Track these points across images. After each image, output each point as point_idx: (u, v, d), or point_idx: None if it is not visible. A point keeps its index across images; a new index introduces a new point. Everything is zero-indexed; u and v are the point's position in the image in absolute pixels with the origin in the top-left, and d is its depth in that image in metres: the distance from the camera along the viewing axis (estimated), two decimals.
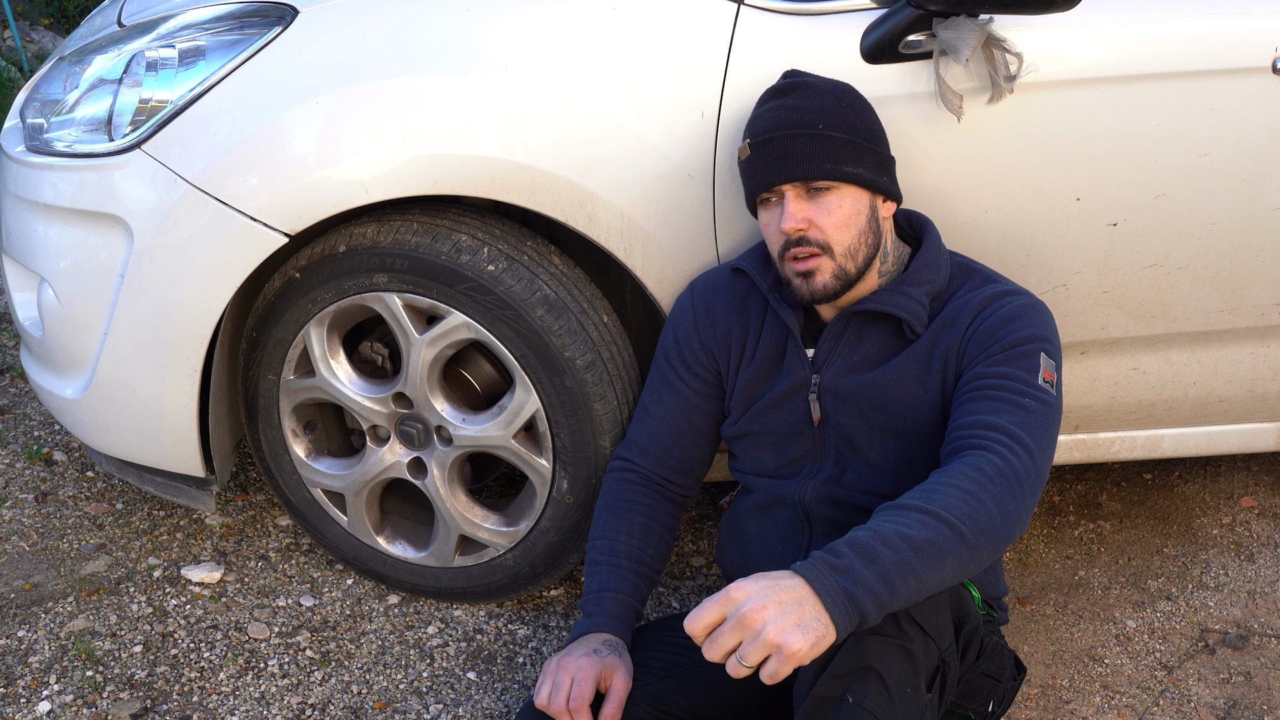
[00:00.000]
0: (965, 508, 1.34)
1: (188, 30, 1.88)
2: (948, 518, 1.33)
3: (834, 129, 1.57)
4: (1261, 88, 1.75)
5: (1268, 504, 2.46)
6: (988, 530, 1.35)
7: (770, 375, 1.72)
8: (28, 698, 1.92)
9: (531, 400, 1.88)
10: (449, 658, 2.06)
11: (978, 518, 1.35)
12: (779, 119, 1.59)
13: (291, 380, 2.01)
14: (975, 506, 1.35)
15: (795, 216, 1.57)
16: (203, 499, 2.13)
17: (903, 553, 1.29)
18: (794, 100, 1.60)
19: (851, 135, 1.58)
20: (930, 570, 1.30)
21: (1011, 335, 1.55)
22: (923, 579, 1.30)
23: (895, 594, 1.28)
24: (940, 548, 1.31)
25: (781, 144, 1.57)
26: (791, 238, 1.58)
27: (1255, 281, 1.90)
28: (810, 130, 1.56)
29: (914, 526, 1.31)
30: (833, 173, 1.56)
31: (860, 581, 1.26)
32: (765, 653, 1.24)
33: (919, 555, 1.29)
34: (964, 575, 1.37)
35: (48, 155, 1.93)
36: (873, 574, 1.27)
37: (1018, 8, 1.62)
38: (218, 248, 1.82)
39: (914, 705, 1.36)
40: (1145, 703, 1.95)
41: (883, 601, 1.27)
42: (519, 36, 1.76)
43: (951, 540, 1.32)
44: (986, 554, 1.36)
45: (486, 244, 1.84)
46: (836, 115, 1.58)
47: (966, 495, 1.36)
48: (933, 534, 1.31)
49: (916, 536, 1.30)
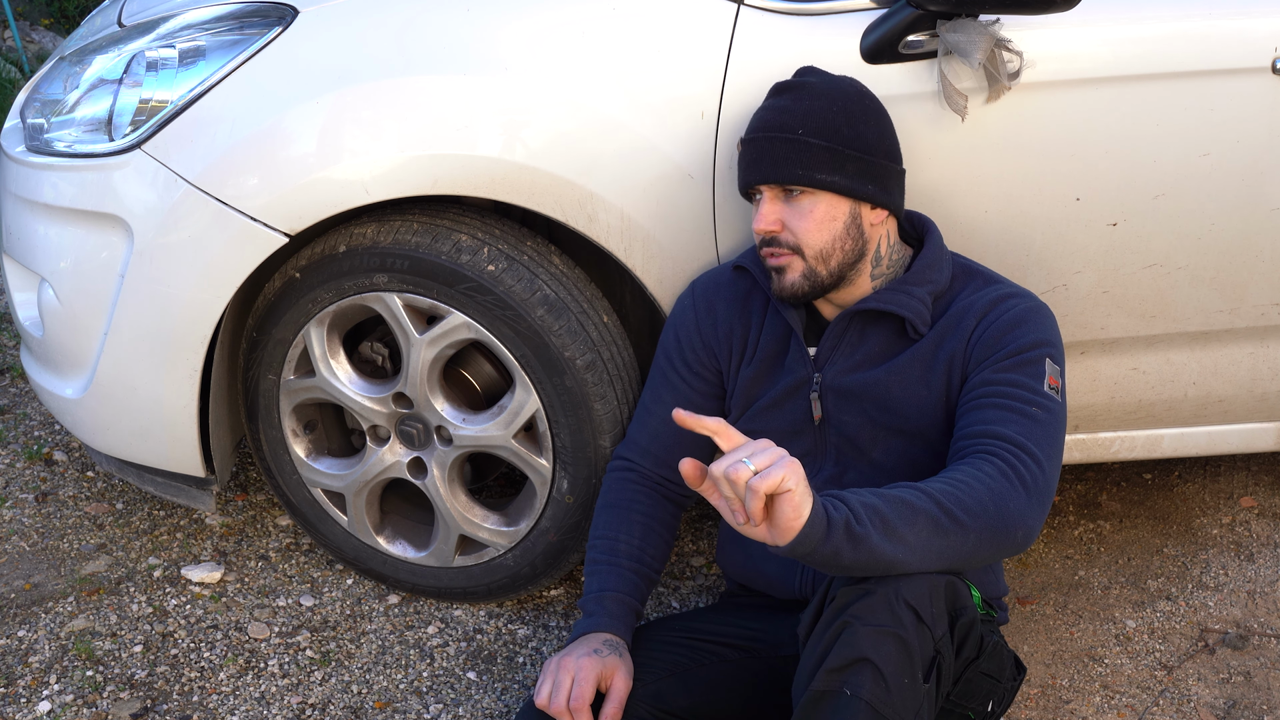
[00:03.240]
0: (948, 488, 1.38)
1: (188, 30, 1.88)
2: (925, 489, 1.37)
3: (815, 135, 1.58)
4: (1261, 88, 1.75)
5: (1268, 504, 2.46)
6: (976, 513, 1.38)
7: (771, 374, 1.72)
8: (28, 698, 1.92)
9: (531, 400, 1.88)
10: (449, 658, 2.06)
11: (961, 497, 1.38)
12: (766, 120, 1.62)
13: (291, 380, 2.01)
14: (961, 489, 1.39)
15: (767, 218, 1.61)
16: (203, 499, 2.13)
17: (870, 499, 1.33)
18: (785, 102, 1.62)
19: (832, 142, 1.58)
20: (902, 523, 1.33)
21: (1018, 341, 1.56)
22: (893, 528, 1.33)
23: (864, 530, 1.30)
24: (911, 506, 1.35)
25: (761, 146, 1.61)
26: (764, 237, 1.62)
27: (1255, 281, 1.90)
28: (789, 134, 1.58)
29: (889, 489, 1.37)
30: (804, 179, 1.58)
31: (832, 507, 1.30)
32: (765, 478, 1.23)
33: (887, 503, 1.34)
34: (956, 554, 1.38)
35: (48, 155, 1.93)
36: (842, 506, 1.31)
37: (1018, 8, 1.62)
38: (218, 248, 1.82)
39: (911, 696, 1.37)
40: (1145, 703, 1.95)
41: (851, 531, 1.29)
42: (519, 36, 1.76)
43: (926, 504, 1.35)
44: (978, 537, 1.38)
45: (486, 244, 1.84)
46: (821, 121, 1.59)
47: (953, 481, 1.40)
48: (905, 495, 1.36)
49: (888, 492, 1.36)
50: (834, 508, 1.30)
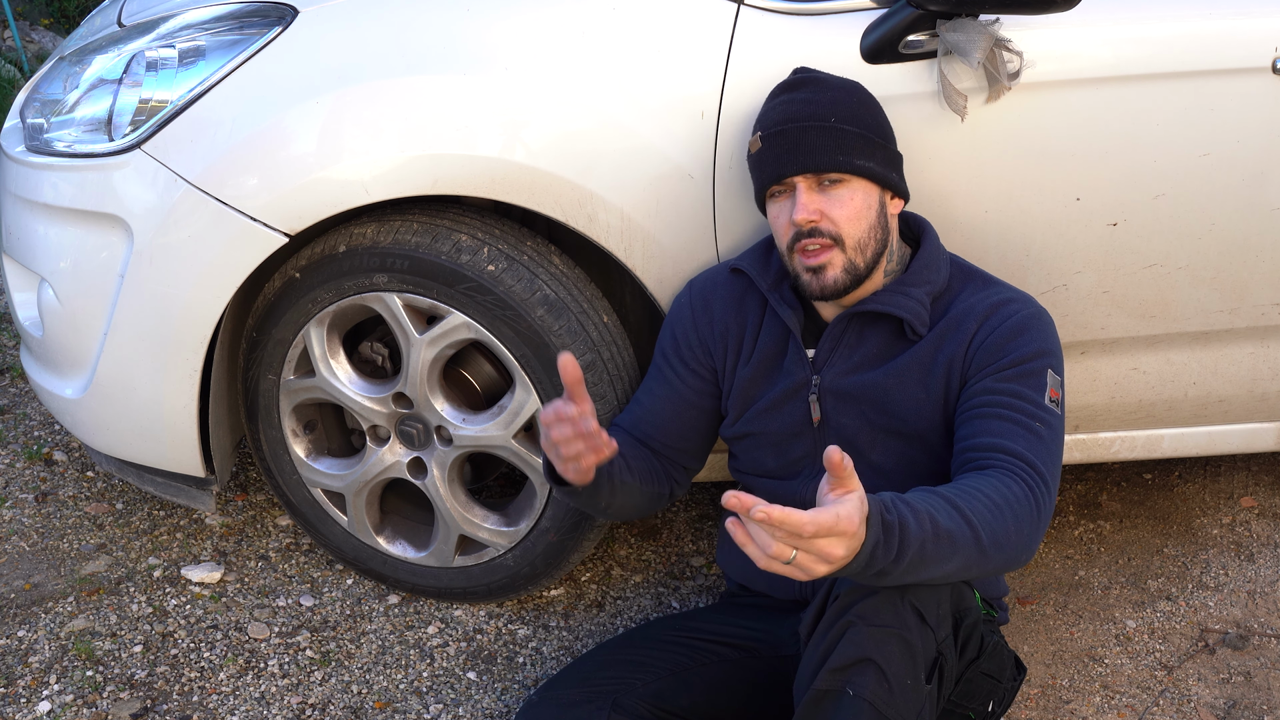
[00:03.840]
0: (990, 517, 1.35)
1: (188, 30, 1.88)
2: (972, 519, 1.33)
3: (846, 122, 1.58)
4: (1261, 88, 1.75)
5: (1268, 504, 2.46)
6: (1002, 546, 1.36)
7: (769, 376, 1.72)
8: (28, 698, 1.92)
9: (531, 400, 1.88)
10: (449, 658, 2.06)
11: (996, 531, 1.35)
12: (792, 111, 1.60)
13: (291, 380, 2.01)
14: (998, 520, 1.36)
15: (807, 208, 1.57)
16: (203, 499, 2.13)
17: (925, 530, 1.28)
18: (806, 94, 1.61)
19: (863, 129, 1.59)
20: (938, 558, 1.30)
21: (1020, 350, 1.55)
22: (927, 561, 1.29)
23: (900, 561, 1.26)
24: (955, 542, 1.31)
25: (794, 136, 1.58)
26: (803, 229, 1.58)
27: (1255, 281, 1.90)
28: (823, 123, 1.57)
29: (940, 513, 1.31)
30: (845, 165, 1.56)
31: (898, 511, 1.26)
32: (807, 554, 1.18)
33: (936, 539, 1.29)
34: (963, 578, 1.37)
35: (48, 155, 1.93)
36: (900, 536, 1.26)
37: (1018, 8, 1.62)
38: (218, 248, 1.82)
39: (914, 696, 1.36)
40: (1145, 703, 1.95)
41: (887, 564, 1.25)
42: (519, 36, 1.76)
43: (968, 540, 1.32)
44: (993, 567, 1.37)
45: (486, 244, 1.84)
46: (848, 109, 1.59)
47: (994, 508, 1.37)
48: (953, 526, 1.31)
49: (941, 522, 1.30)
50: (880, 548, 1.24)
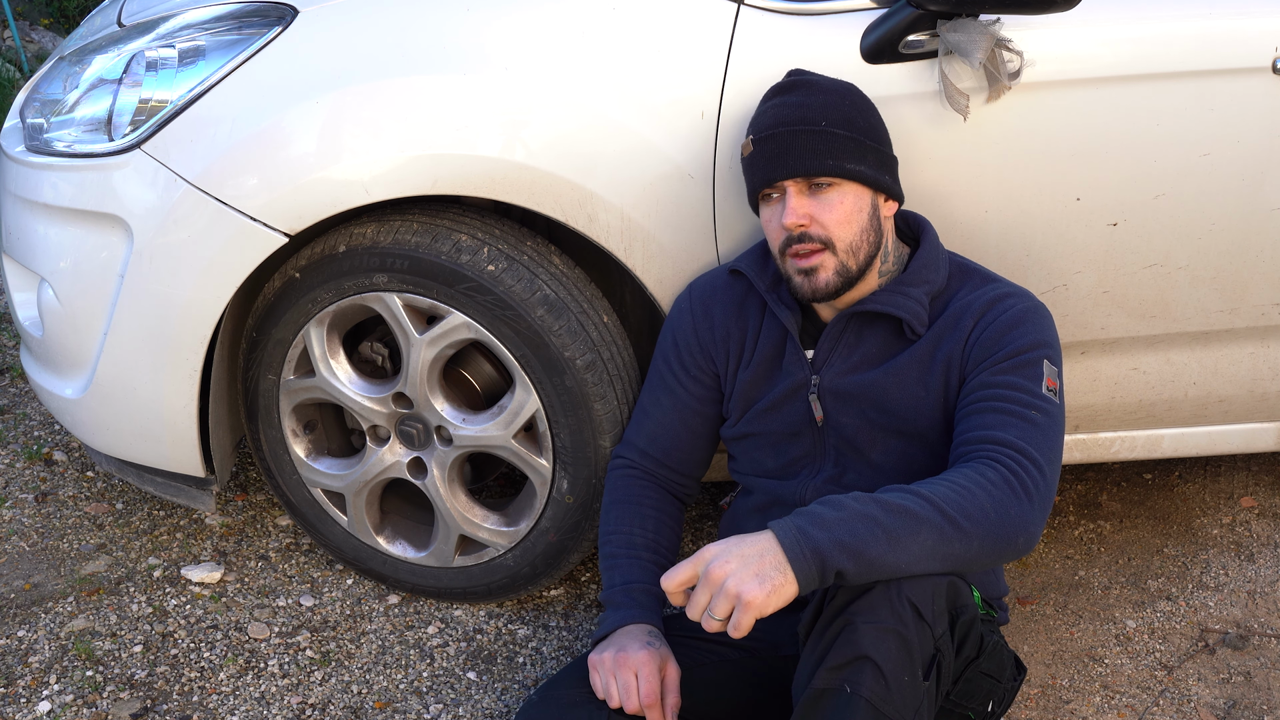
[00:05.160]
0: (951, 494, 1.38)
1: (187, 30, 1.88)
2: (928, 494, 1.37)
3: (837, 126, 1.58)
4: (1261, 88, 1.75)
5: (1268, 504, 2.46)
6: (978, 519, 1.37)
7: (769, 377, 1.72)
8: (28, 698, 1.92)
9: (531, 400, 1.88)
10: (449, 658, 2.06)
11: (964, 504, 1.37)
12: (782, 115, 1.60)
13: (291, 380, 2.01)
14: (964, 495, 1.38)
15: (796, 212, 1.57)
16: (203, 499, 2.13)
17: (870, 508, 1.33)
18: (798, 97, 1.61)
19: (853, 133, 1.58)
20: (905, 533, 1.33)
21: (1016, 342, 1.56)
22: (896, 539, 1.32)
23: (862, 544, 1.31)
24: (915, 515, 1.34)
25: (784, 140, 1.58)
26: (793, 233, 1.58)
27: (1255, 281, 1.90)
28: (813, 127, 1.57)
29: (890, 493, 1.37)
30: (834, 169, 1.57)
31: (823, 525, 1.31)
32: (729, 605, 1.29)
33: (889, 513, 1.33)
34: (958, 560, 1.38)
35: (48, 155, 1.93)
36: (837, 520, 1.32)
37: (1018, 8, 1.62)
38: (217, 248, 1.82)
39: (911, 694, 1.37)
40: (1145, 703, 1.95)
41: (848, 548, 1.31)
42: (519, 36, 1.76)
43: (929, 512, 1.35)
44: (980, 544, 1.38)
45: (486, 244, 1.84)
46: (839, 113, 1.59)
47: (956, 487, 1.40)
48: (908, 502, 1.35)
49: (890, 500, 1.35)
50: (822, 540, 1.31)
